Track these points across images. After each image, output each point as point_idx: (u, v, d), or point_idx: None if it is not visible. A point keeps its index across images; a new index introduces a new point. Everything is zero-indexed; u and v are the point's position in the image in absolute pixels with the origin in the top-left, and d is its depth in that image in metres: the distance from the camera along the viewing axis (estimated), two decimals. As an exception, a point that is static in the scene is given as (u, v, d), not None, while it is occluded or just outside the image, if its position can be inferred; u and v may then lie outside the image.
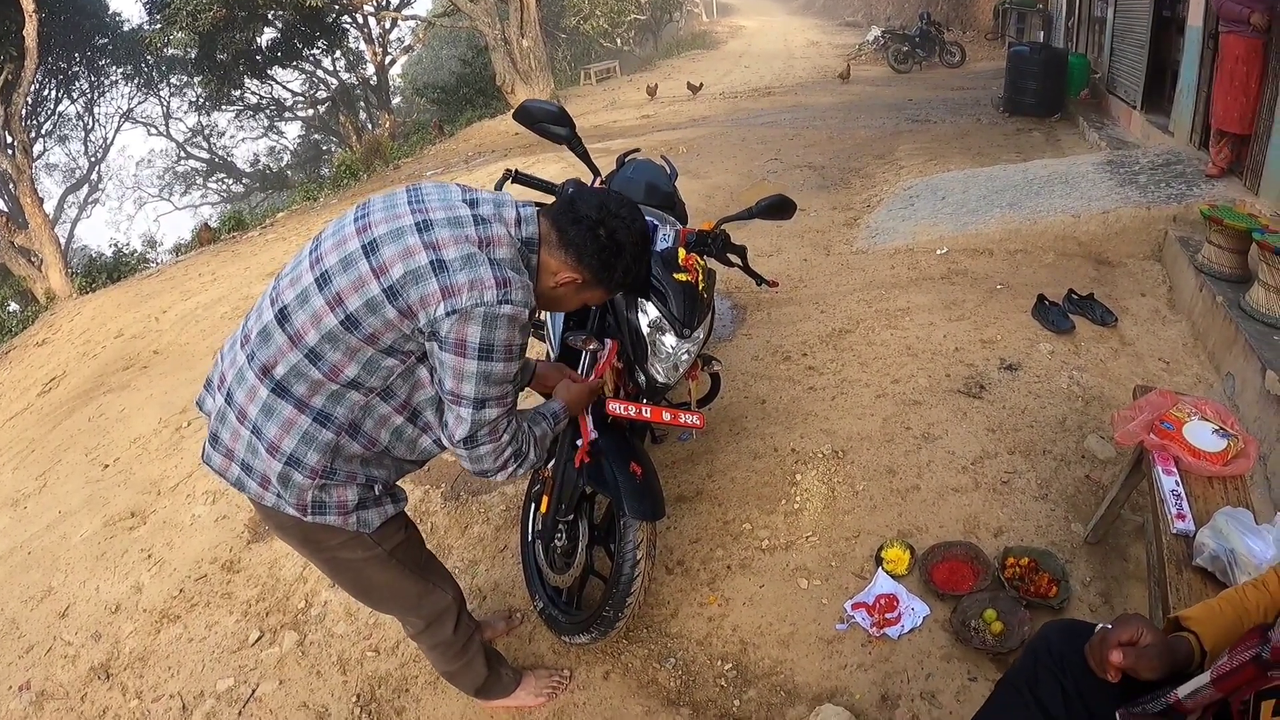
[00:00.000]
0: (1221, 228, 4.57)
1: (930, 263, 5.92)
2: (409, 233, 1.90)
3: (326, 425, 1.98)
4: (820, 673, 2.83)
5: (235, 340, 2.11)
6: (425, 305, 1.86)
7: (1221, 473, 2.59)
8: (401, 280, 1.86)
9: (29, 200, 14.58)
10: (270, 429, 1.98)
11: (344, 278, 1.89)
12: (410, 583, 2.36)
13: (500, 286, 1.87)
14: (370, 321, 1.88)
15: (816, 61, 23.76)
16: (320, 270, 1.93)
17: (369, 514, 2.13)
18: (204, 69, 23.30)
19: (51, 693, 3.42)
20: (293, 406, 1.96)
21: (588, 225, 2.01)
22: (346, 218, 2.03)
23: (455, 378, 1.92)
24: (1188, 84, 7.10)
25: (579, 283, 2.08)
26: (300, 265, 2.01)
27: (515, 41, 20.46)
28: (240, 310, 7.95)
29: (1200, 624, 1.66)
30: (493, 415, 1.99)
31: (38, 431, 6.54)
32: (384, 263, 1.88)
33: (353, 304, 1.88)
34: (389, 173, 16.37)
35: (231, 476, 2.08)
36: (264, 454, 2.00)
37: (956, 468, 3.69)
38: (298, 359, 1.93)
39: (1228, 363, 4.18)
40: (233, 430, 2.05)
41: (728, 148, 10.88)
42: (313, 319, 1.91)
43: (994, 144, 9.68)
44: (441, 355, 1.90)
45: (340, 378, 1.94)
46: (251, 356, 2.00)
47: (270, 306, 1.99)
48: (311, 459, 1.99)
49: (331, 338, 1.90)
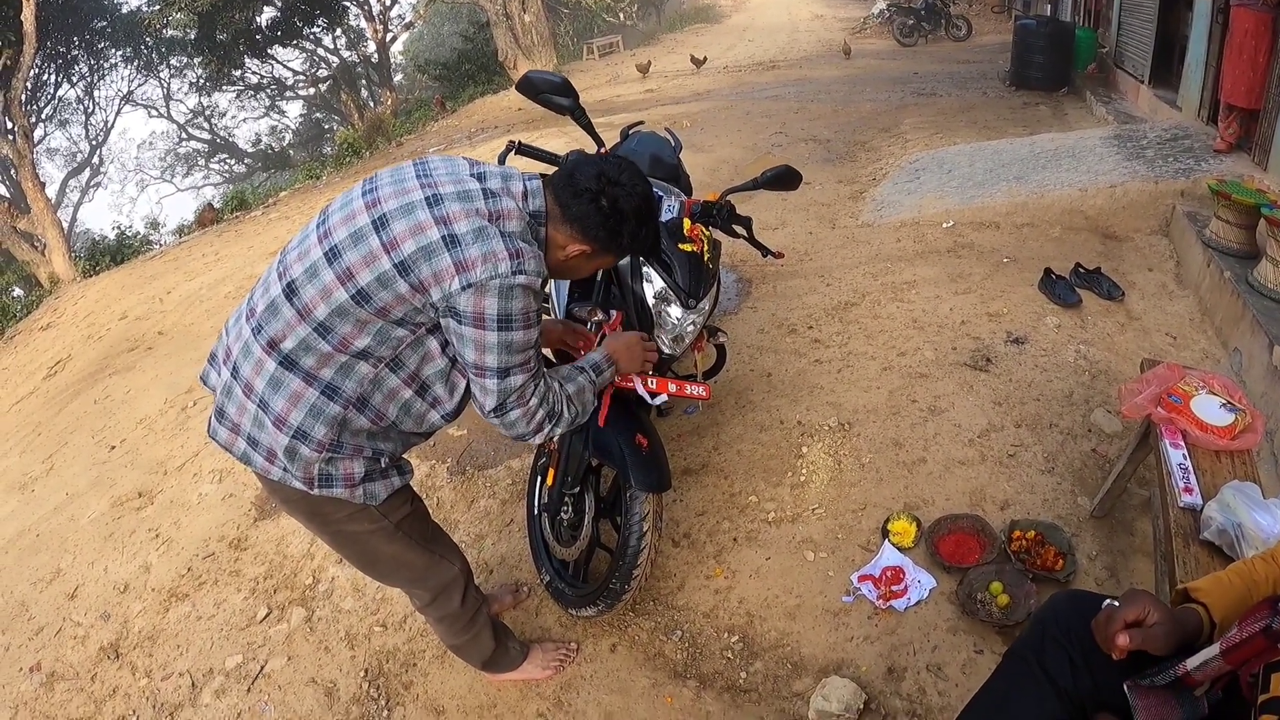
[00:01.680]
0: (1229, 203, 4.54)
1: (936, 236, 5.89)
2: (419, 208, 1.91)
3: (334, 398, 1.98)
4: (826, 645, 2.84)
5: (240, 314, 2.10)
6: (439, 280, 1.87)
7: (1229, 447, 2.59)
8: (413, 255, 1.87)
9: (31, 185, 14.54)
10: (278, 402, 1.98)
11: (354, 252, 1.90)
12: (416, 555, 2.36)
13: (513, 258, 1.88)
14: (381, 296, 1.89)
15: (821, 35, 23.58)
16: (329, 245, 1.94)
17: (375, 486, 2.13)
18: (204, 49, 23.20)
19: (62, 673, 3.45)
20: (300, 379, 1.96)
21: (589, 197, 2.02)
22: (354, 192, 2.03)
23: (477, 350, 1.93)
24: (1196, 58, 7.04)
25: (588, 253, 2.09)
26: (308, 239, 2.01)
27: (517, 16, 20.34)
28: (244, 290, 7.94)
29: (1209, 595, 1.65)
30: (518, 382, 2.00)
31: (44, 414, 6.55)
32: (395, 238, 1.88)
33: (364, 279, 1.89)
34: (392, 150, 16.30)
35: (238, 450, 2.08)
36: (271, 427, 2.00)
37: (963, 441, 3.68)
38: (306, 332, 1.93)
39: (1235, 338, 4.16)
40: (239, 404, 2.04)
41: (732, 121, 10.82)
42: (322, 293, 1.91)
43: (1000, 118, 9.62)
44: (461, 330, 1.92)
45: (350, 349, 1.94)
46: (258, 330, 1.99)
47: (278, 280, 1.99)
48: (319, 432, 1.98)
49: (341, 311, 1.91)
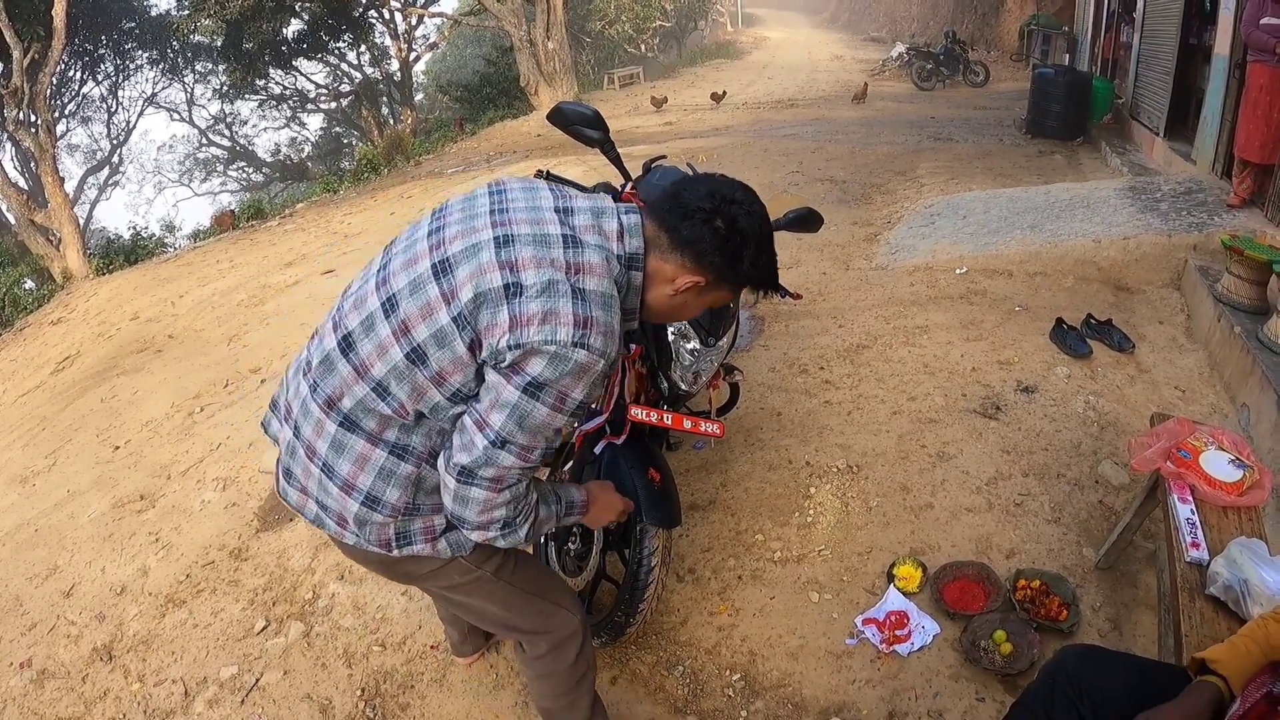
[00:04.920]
0: (1242, 258, 4.55)
1: (949, 282, 5.90)
2: (485, 249, 1.66)
3: (405, 458, 1.78)
4: (828, 687, 2.82)
5: (298, 366, 1.94)
6: (491, 334, 1.62)
7: (1237, 503, 2.59)
8: (471, 305, 1.63)
9: (50, 179, 14.64)
10: (342, 466, 1.79)
11: (411, 303, 1.68)
12: (526, 603, 2.13)
13: (579, 326, 1.60)
14: (438, 358, 1.67)
15: (840, 76, 23.75)
16: (387, 293, 1.73)
17: (460, 535, 1.89)
18: (229, 57, 23.47)
19: (52, 671, 3.43)
20: (365, 441, 1.77)
21: (701, 218, 1.73)
22: (420, 229, 1.82)
23: (491, 401, 1.66)
24: (1212, 112, 7.08)
25: (702, 285, 1.79)
26: (366, 285, 1.81)
27: (541, 43, 20.51)
28: (256, 299, 7.98)
29: (1228, 668, 1.64)
30: (507, 462, 1.69)
31: (49, 410, 6.56)
32: (455, 286, 1.65)
33: (419, 334, 1.67)
34: (409, 168, 16.41)
35: (309, 514, 1.91)
36: (337, 493, 1.81)
37: (970, 488, 3.68)
38: (364, 392, 1.74)
39: (1244, 394, 4.16)
40: (303, 466, 1.87)
41: (750, 158, 10.88)
42: (378, 349, 1.72)
43: (1016, 165, 9.66)
44: (490, 374, 1.66)
45: (408, 416, 1.74)
46: (315, 387, 1.82)
47: (332, 331, 1.81)
48: (392, 496, 1.79)
49: (398, 373, 1.70)
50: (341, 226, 11.21)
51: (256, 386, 5.77)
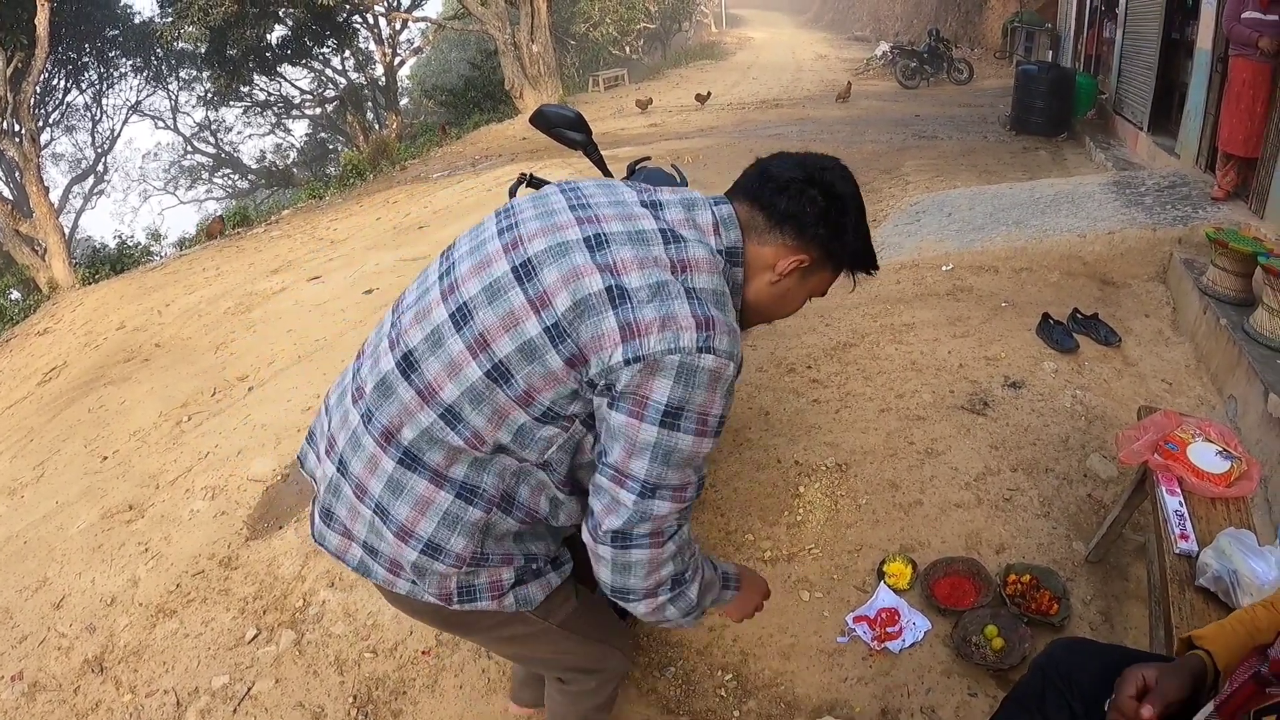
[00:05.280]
0: (1226, 251, 4.58)
1: (936, 279, 5.92)
2: (576, 249, 1.45)
3: (473, 501, 1.55)
4: (820, 685, 2.82)
5: (343, 390, 1.71)
6: (599, 347, 1.40)
7: (1225, 494, 2.60)
8: (568, 314, 1.41)
9: (35, 189, 14.59)
10: (400, 510, 1.55)
11: (490, 312, 1.46)
12: (586, 648, 1.95)
13: (701, 328, 1.39)
14: (526, 373, 1.44)
15: (824, 75, 23.79)
16: (457, 301, 1.50)
17: (529, 590, 1.70)
18: (214, 64, 23.44)
19: (44, 684, 3.41)
20: (427, 480, 1.54)
21: (797, 188, 1.57)
22: (486, 228, 1.61)
23: (626, 449, 1.43)
24: (1195, 107, 7.12)
25: (805, 266, 1.62)
26: (428, 294, 1.58)
27: (525, 47, 20.50)
28: (243, 307, 7.96)
29: (1213, 643, 1.65)
30: (662, 510, 1.46)
31: (37, 420, 6.53)
32: (545, 291, 1.43)
33: (503, 348, 1.44)
34: (395, 173, 16.39)
35: (351, 559, 1.68)
36: (392, 538, 1.58)
37: (959, 484, 3.69)
38: (430, 420, 1.51)
39: (1230, 385, 4.18)
40: (350, 507, 1.63)
41: (735, 158, 10.88)
42: (448, 368, 1.48)
43: (1001, 162, 9.70)
44: (612, 417, 1.43)
45: (484, 447, 1.51)
46: (368, 417, 1.57)
47: (389, 351, 1.58)
48: (457, 545, 1.56)
49: (474, 394, 1.47)
50: (327, 232, 11.19)
51: (244, 394, 5.75)
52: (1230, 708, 1.44)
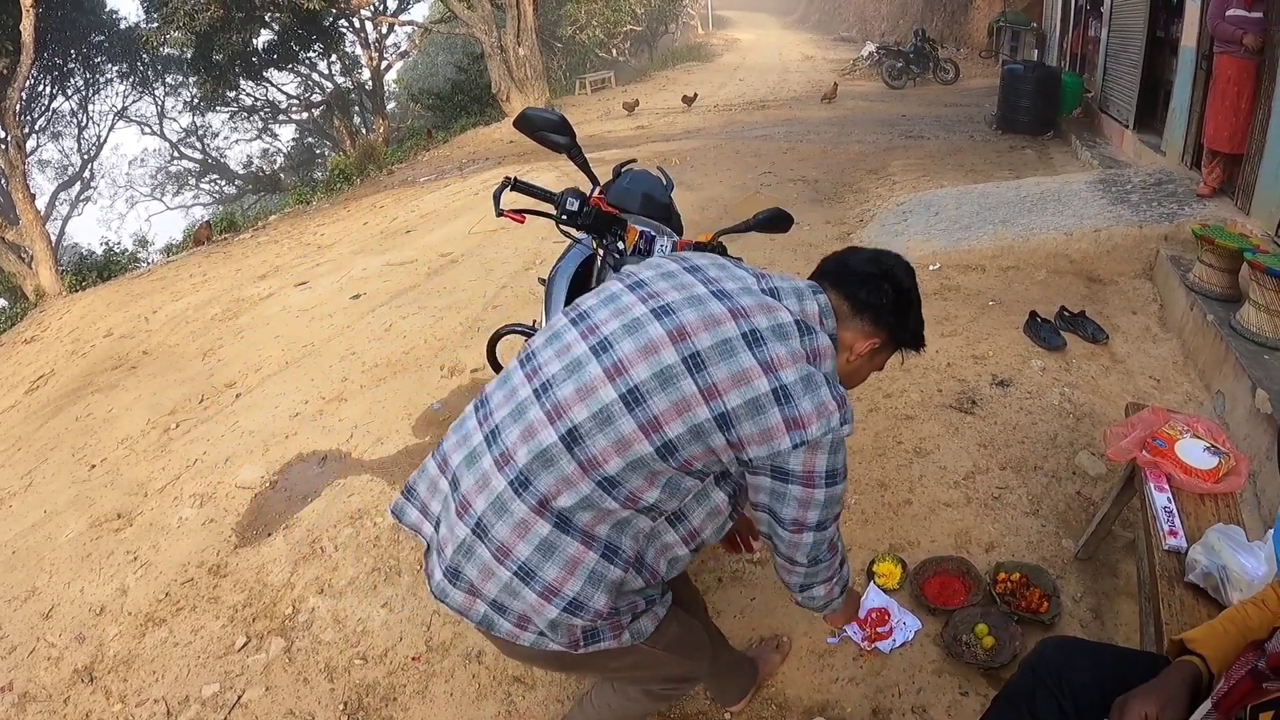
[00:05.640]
0: (1213, 247, 4.60)
1: (923, 278, 5.86)
2: (740, 349, 1.66)
3: (614, 560, 1.73)
4: (811, 686, 2.82)
5: (472, 452, 1.80)
6: (767, 438, 1.65)
7: (1213, 490, 2.61)
8: (738, 410, 1.64)
9: (21, 196, 14.50)
10: (549, 571, 1.70)
11: (663, 398, 1.64)
12: (685, 662, 2.14)
13: (840, 407, 1.70)
14: (691, 449, 1.67)
15: (811, 76, 23.84)
16: (628, 384, 1.65)
17: (641, 624, 1.88)
18: (200, 69, 23.29)
19: (34, 695, 3.39)
20: (578, 542, 1.70)
21: (874, 282, 1.86)
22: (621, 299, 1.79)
23: (801, 508, 1.76)
24: (1180, 104, 7.14)
25: (876, 347, 1.91)
26: (583, 371, 1.71)
27: (511, 50, 20.48)
28: (230, 313, 7.92)
29: (1206, 646, 1.66)
30: (832, 531, 1.87)
31: (24, 429, 6.49)
32: (714, 384, 1.64)
33: (673, 430, 1.64)
34: (382, 177, 16.37)
35: (475, 616, 1.79)
36: (533, 598, 1.72)
37: (948, 483, 3.69)
38: (590, 489, 1.67)
39: (1218, 381, 4.20)
40: (483, 568, 1.74)
41: (722, 160, 10.90)
42: (618, 445, 1.65)
43: (987, 161, 9.73)
44: (786, 489, 1.73)
45: (638, 504, 1.71)
46: (522, 484, 1.69)
47: (549, 424, 1.69)
48: (599, 602, 1.72)
49: (639, 464, 1.66)
50: (314, 238, 11.16)
51: (232, 401, 5.73)
52: (1228, 703, 1.45)
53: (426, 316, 6.55)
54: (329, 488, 4.36)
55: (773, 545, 1.90)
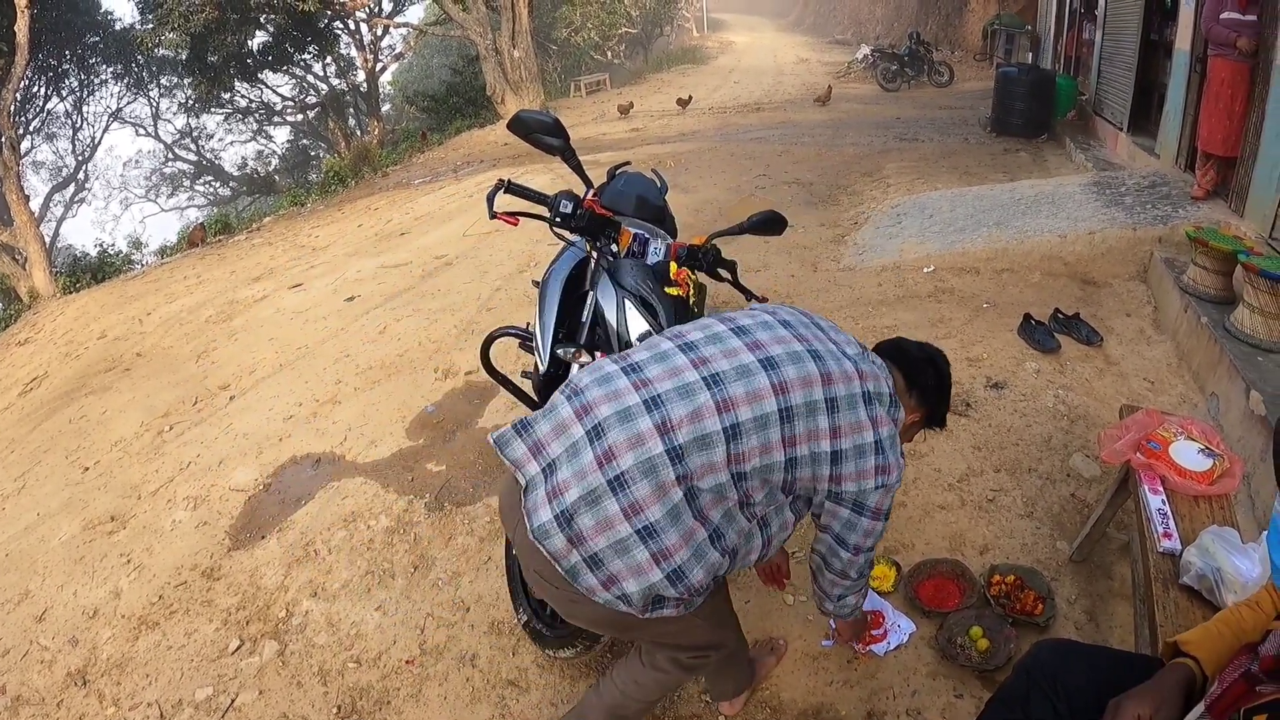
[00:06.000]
0: (1207, 249, 4.60)
1: (917, 281, 5.93)
2: (860, 405, 1.97)
3: (716, 544, 1.92)
4: (806, 689, 2.82)
5: (626, 410, 1.89)
6: (861, 478, 1.97)
7: (1207, 492, 2.61)
8: (848, 450, 1.95)
9: (15, 197, 14.45)
10: (669, 535, 1.85)
11: (803, 423, 1.91)
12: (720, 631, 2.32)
13: (899, 465, 2.04)
14: (803, 471, 1.95)
15: (806, 79, 23.83)
16: (785, 403, 1.90)
17: (698, 598, 2.03)
18: (194, 71, 23.23)
19: (27, 698, 3.37)
20: (695, 517, 1.88)
21: (926, 364, 2.21)
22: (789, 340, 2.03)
23: (865, 535, 2.09)
24: (1174, 107, 7.16)
25: (917, 421, 2.23)
26: (753, 378, 1.92)
27: (506, 52, 20.46)
28: (224, 315, 7.90)
29: (1200, 649, 1.66)
30: (874, 554, 2.23)
31: (17, 432, 6.47)
32: (839, 427, 1.94)
33: (801, 451, 1.92)
34: (377, 179, 16.33)
35: (566, 563, 1.89)
36: (644, 557, 1.85)
37: (942, 485, 3.69)
38: (726, 478, 1.88)
39: (1212, 383, 4.20)
40: (603, 520, 1.84)
41: (716, 162, 10.90)
42: (763, 448, 1.89)
43: (981, 164, 9.74)
44: (859, 520, 2.06)
45: (750, 500, 1.94)
46: (677, 456, 1.84)
47: (717, 413, 1.87)
48: (695, 576, 1.90)
49: (768, 469, 1.91)
50: (309, 240, 11.14)
51: (225, 403, 5.71)
52: (1221, 706, 1.45)
53: (421, 319, 6.54)
54: (323, 490, 4.35)
55: (823, 564, 2.23)
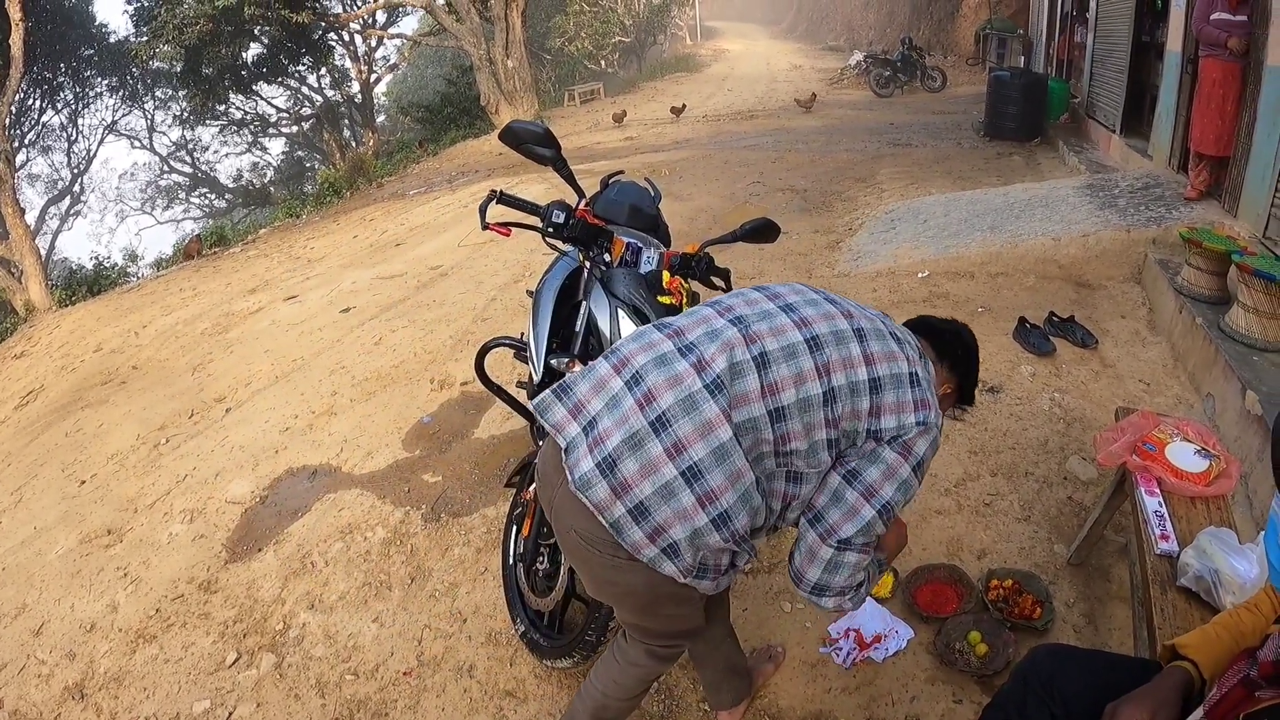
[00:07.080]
0: (1201, 250, 4.61)
1: (912, 285, 5.94)
2: (889, 339, 1.95)
3: (761, 491, 1.85)
4: (804, 696, 2.81)
5: (662, 356, 1.89)
6: (899, 410, 1.88)
7: (1204, 493, 2.61)
8: (885, 377, 1.88)
9: (10, 210, 14.43)
10: (715, 476, 1.78)
11: (836, 351, 1.87)
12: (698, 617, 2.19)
13: (940, 413, 1.96)
14: (843, 405, 1.84)
15: (799, 85, 23.86)
16: (810, 333, 1.88)
17: (728, 578, 2.01)
18: (189, 83, 23.25)
19: (24, 712, 3.36)
20: (742, 457, 1.79)
21: (953, 336, 2.19)
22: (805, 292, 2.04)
23: (885, 476, 1.87)
24: (1166, 108, 7.18)
25: (949, 394, 2.18)
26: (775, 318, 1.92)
27: (500, 62, 20.52)
28: (220, 327, 7.90)
29: (1198, 652, 1.65)
30: (879, 530, 1.91)
31: (14, 445, 6.46)
32: (872, 353, 1.89)
33: (838, 379, 1.85)
34: (372, 190, 16.35)
35: (609, 516, 1.82)
36: (689, 501, 1.78)
37: (939, 490, 3.69)
38: (761, 412, 1.81)
39: (1207, 383, 4.21)
40: (647, 463, 1.79)
41: (710, 170, 10.92)
42: (796, 378, 1.83)
43: (975, 168, 9.76)
44: (884, 452, 1.87)
45: (785, 447, 1.83)
46: (716, 387, 1.81)
47: (744, 345, 1.86)
48: (740, 521, 1.82)
49: (804, 404, 1.82)
50: (304, 251, 11.15)
51: (222, 416, 5.71)
52: (1219, 711, 1.44)
53: (416, 330, 6.54)
54: (319, 502, 4.34)
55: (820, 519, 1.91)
